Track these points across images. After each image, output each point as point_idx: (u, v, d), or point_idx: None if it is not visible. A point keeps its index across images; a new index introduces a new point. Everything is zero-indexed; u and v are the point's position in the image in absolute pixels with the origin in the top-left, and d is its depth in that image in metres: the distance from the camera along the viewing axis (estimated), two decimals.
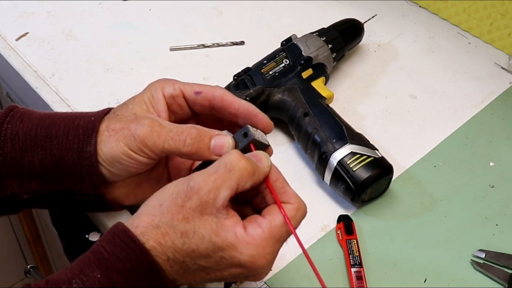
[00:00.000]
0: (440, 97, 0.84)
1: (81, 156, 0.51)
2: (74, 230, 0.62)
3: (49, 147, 0.52)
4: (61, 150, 0.52)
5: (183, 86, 0.55)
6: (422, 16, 0.97)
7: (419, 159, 0.76)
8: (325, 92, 0.75)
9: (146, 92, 0.55)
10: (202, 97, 0.55)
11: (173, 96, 0.55)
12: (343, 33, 0.83)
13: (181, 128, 0.51)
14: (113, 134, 0.51)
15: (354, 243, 0.65)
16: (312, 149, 0.71)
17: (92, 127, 0.52)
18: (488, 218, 0.70)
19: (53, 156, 0.52)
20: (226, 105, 0.55)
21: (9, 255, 1.37)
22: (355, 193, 0.67)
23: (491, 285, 0.64)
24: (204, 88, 0.55)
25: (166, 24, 0.92)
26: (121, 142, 0.51)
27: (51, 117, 0.54)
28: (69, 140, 0.52)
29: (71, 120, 0.53)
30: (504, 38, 0.90)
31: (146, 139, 0.50)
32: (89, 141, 0.51)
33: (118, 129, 0.51)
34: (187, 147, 0.51)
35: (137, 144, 0.51)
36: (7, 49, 0.84)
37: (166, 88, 0.55)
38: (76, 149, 0.52)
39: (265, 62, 0.77)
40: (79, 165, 0.52)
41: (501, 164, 0.76)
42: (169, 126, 0.51)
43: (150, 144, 0.51)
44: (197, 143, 0.51)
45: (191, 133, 0.51)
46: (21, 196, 0.53)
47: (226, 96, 0.55)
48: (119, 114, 0.53)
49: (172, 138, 0.51)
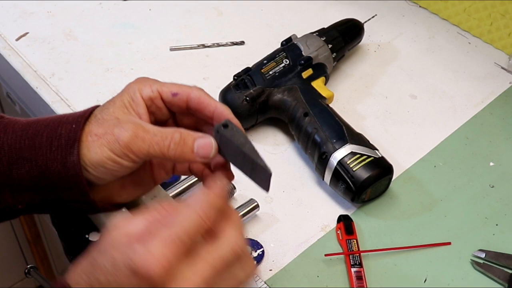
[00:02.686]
0: (440, 97, 0.84)
1: (66, 166, 0.52)
2: (74, 230, 0.62)
3: (35, 159, 0.52)
4: (46, 161, 0.52)
5: (160, 87, 0.55)
6: (422, 16, 0.97)
7: (419, 159, 0.76)
8: (325, 92, 0.75)
9: (125, 95, 0.55)
10: (179, 99, 0.55)
11: (151, 98, 0.55)
12: (343, 33, 0.83)
13: (165, 133, 0.52)
14: (96, 140, 0.52)
15: (354, 243, 0.65)
16: (312, 149, 0.71)
17: (74, 136, 0.52)
18: (488, 218, 0.70)
19: (39, 168, 0.52)
20: (202, 107, 0.55)
21: (9, 255, 1.37)
22: (355, 193, 0.67)
23: (491, 285, 0.64)
24: (181, 89, 0.55)
25: (166, 24, 0.92)
26: (105, 147, 0.51)
27: (34, 126, 0.54)
28: (53, 150, 0.52)
29: (53, 128, 0.53)
30: (504, 38, 0.90)
31: (130, 144, 0.51)
32: (72, 151, 0.51)
33: (101, 134, 0.52)
34: (171, 151, 0.51)
35: (122, 149, 0.51)
36: (7, 49, 0.84)
37: (144, 90, 0.55)
38: (60, 160, 0.52)
39: (265, 62, 0.77)
40: (65, 175, 0.52)
41: (501, 164, 0.76)
42: (153, 130, 0.52)
43: (135, 149, 0.51)
44: (181, 147, 0.51)
45: (175, 137, 0.51)
46: (16, 206, 0.54)
47: (202, 99, 0.55)
48: (100, 118, 0.53)
49: (157, 142, 0.51)
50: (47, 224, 1.29)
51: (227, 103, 0.74)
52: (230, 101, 0.74)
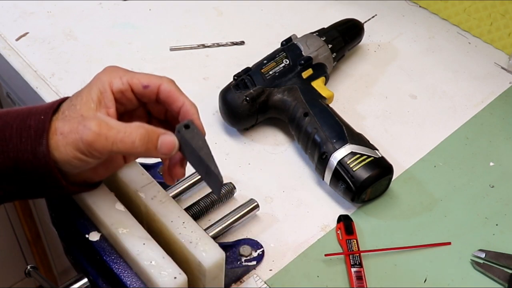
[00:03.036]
0: (440, 97, 0.84)
1: (36, 157, 0.52)
2: (74, 230, 0.61)
3: (6, 150, 0.53)
4: (17, 153, 0.52)
5: (131, 79, 0.56)
6: (422, 16, 0.97)
7: (419, 159, 0.76)
8: (325, 92, 0.75)
9: (94, 88, 0.55)
10: (149, 91, 0.56)
11: (121, 90, 0.55)
12: (343, 33, 0.83)
13: (129, 129, 0.52)
14: (62, 139, 0.52)
15: (354, 243, 0.65)
16: (312, 149, 0.71)
17: (42, 127, 0.52)
18: (488, 218, 0.70)
19: (11, 160, 0.53)
20: (170, 102, 0.56)
21: (9, 255, 1.37)
22: (355, 193, 0.67)
23: (491, 285, 0.64)
24: (151, 81, 0.56)
25: (166, 24, 0.92)
26: (70, 146, 0.52)
27: (4, 118, 0.54)
28: (23, 142, 0.52)
29: (22, 120, 0.54)
30: (504, 38, 0.90)
31: (93, 143, 0.51)
32: (41, 142, 0.52)
33: (66, 133, 0.52)
34: (136, 148, 0.52)
35: (86, 147, 0.51)
36: (7, 49, 0.85)
37: (114, 83, 0.55)
38: (30, 150, 0.52)
39: (265, 62, 0.77)
40: (36, 165, 0.53)
41: (501, 164, 0.76)
42: (117, 126, 0.52)
43: (99, 147, 0.51)
44: (145, 144, 0.52)
45: (140, 133, 0.51)
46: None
47: (171, 93, 0.55)
48: (67, 115, 0.54)
49: (121, 140, 0.51)
50: (47, 224, 1.29)
51: (227, 103, 0.74)
52: (230, 101, 0.74)
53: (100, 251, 0.57)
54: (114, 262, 0.56)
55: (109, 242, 0.58)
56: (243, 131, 0.77)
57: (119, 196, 0.61)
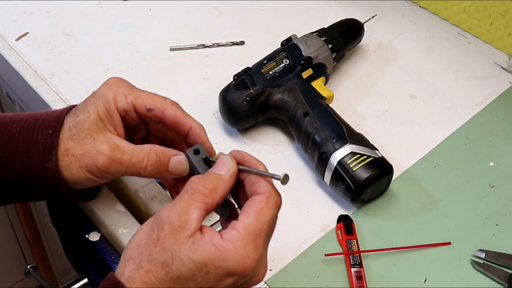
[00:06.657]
0: (440, 97, 0.84)
1: (44, 172, 0.53)
2: (74, 230, 0.62)
3: (12, 163, 0.53)
4: (24, 167, 0.53)
5: (135, 100, 0.56)
6: (422, 16, 0.97)
7: (419, 159, 0.76)
8: (325, 92, 0.75)
9: (100, 104, 0.55)
10: (153, 114, 0.56)
11: (125, 110, 0.55)
12: (343, 33, 0.83)
13: (142, 154, 0.53)
14: (74, 161, 0.53)
15: (354, 243, 0.65)
16: (312, 149, 0.71)
17: (50, 143, 0.53)
18: (488, 218, 0.70)
19: (17, 173, 0.53)
20: (177, 126, 0.56)
21: (9, 255, 1.37)
22: (355, 193, 0.67)
23: (491, 285, 0.64)
24: (155, 105, 0.56)
25: (166, 24, 0.92)
26: (82, 169, 0.53)
27: (8, 128, 0.54)
28: (30, 156, 0.53)
29: (28, 132, 0.53)
30: (504, 38, 0.90)
31: (108, 167, 0.52)
32: (50, 158, 0.52)
33: (78, 155, 0.53)
34: (148, 172, 0.53)
35: (99, 172, 0.53)
36: (7, 49, 0.84)
37: (119, 101, 0.55)
38: (38, 166, 0.53)
39: (265, 62, 0.77)
40: (44, 180, 0.53)
41: (501, 164, 0.76)
42: (129, 151, 0.53)
43: (112, 171, 0.53)
44: (157, 168, 0.53)
45: (151, 159, 0.53)
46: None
47: (177, 118, 0.56)
48: (76, 134, 0.53)
49: (134, 164, 0.53)
50: (47, 224, 1.29)
51: (227, 103, 0.74)
52: (230, 101, 0.74)
53: (100, 251, 0.57)
54: (114, 262, 0.56)
55: (109, 242, 0.58)
56: (243, 131, 0.77)
57: (119, 196, 0.61)
